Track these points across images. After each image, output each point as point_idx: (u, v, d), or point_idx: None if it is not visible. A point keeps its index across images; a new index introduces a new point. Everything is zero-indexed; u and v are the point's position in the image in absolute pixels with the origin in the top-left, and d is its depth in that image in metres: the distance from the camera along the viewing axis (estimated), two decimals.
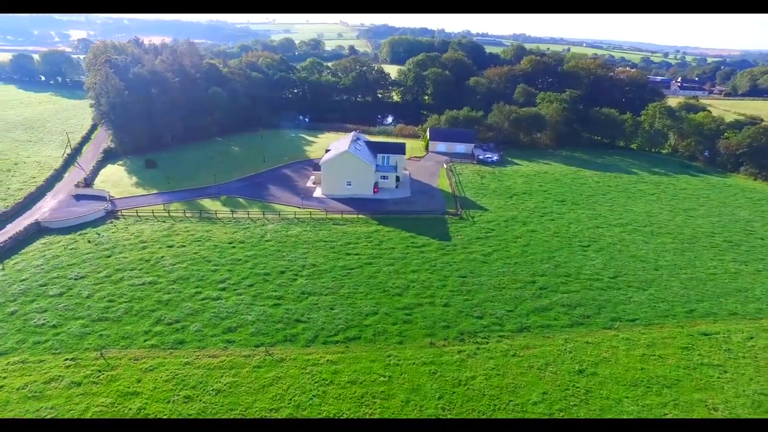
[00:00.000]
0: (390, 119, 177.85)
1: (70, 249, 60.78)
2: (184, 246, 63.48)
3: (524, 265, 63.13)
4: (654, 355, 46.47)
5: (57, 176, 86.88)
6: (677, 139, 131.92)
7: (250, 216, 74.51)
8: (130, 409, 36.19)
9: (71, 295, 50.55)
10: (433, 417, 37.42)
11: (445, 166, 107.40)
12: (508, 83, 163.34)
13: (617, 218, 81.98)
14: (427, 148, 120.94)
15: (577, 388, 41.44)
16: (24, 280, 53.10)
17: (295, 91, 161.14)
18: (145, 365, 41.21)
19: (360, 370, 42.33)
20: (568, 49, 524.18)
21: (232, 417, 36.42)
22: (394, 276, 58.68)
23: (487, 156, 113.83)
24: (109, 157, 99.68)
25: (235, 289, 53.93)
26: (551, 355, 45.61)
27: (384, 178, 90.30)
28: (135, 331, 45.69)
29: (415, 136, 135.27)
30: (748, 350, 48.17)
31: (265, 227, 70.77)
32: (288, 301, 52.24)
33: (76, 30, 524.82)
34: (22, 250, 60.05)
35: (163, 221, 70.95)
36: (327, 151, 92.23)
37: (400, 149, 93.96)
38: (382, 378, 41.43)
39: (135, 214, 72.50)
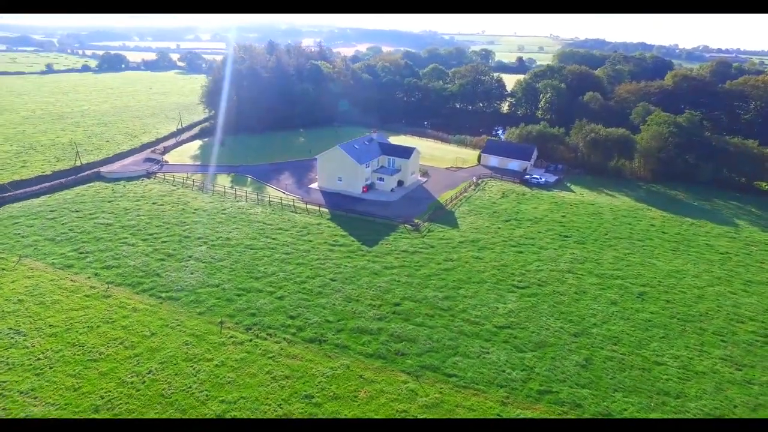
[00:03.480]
0: (501, 131, 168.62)
1: (96, 192, 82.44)
2: (162, 205, 78.51)
3: (410, 286, 57.13)
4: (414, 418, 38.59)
5: (154, 144, 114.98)
6: None
7: (236, 193, 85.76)
8: None
9: (55, 221, 70.02)
10: (143, 372, 40.93)
11: (474, 179, 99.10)
12: (637, 102, 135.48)
13: (614, 269, 64.00)
14: (479, 160, 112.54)
15: (292, 410, 38.53)
16: (48, 205, 75.62)
17: (399, 95, 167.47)
18: (30, 273, 55.83)
19: (141, 320, 48.20)
20: None
21: (31, 321, 47.28)
22: (276, 263, 61.23)
23: (534, 177, 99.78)
24: (201, 134, 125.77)
25: (151, 242, 65.39)
26: (304, 371, 42.61)
27: (380, 179, 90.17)
28: (57, 252, 61.29)
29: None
30: None
31: (236, 203, 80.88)
32: (171, 260, 60.92)
33: (308, 38, 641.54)
34: (73, 188, 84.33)
35: (174, 185, 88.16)
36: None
37: (407, 153, 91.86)
38: (146, 332, 46.47)
39: (163, 177, 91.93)
